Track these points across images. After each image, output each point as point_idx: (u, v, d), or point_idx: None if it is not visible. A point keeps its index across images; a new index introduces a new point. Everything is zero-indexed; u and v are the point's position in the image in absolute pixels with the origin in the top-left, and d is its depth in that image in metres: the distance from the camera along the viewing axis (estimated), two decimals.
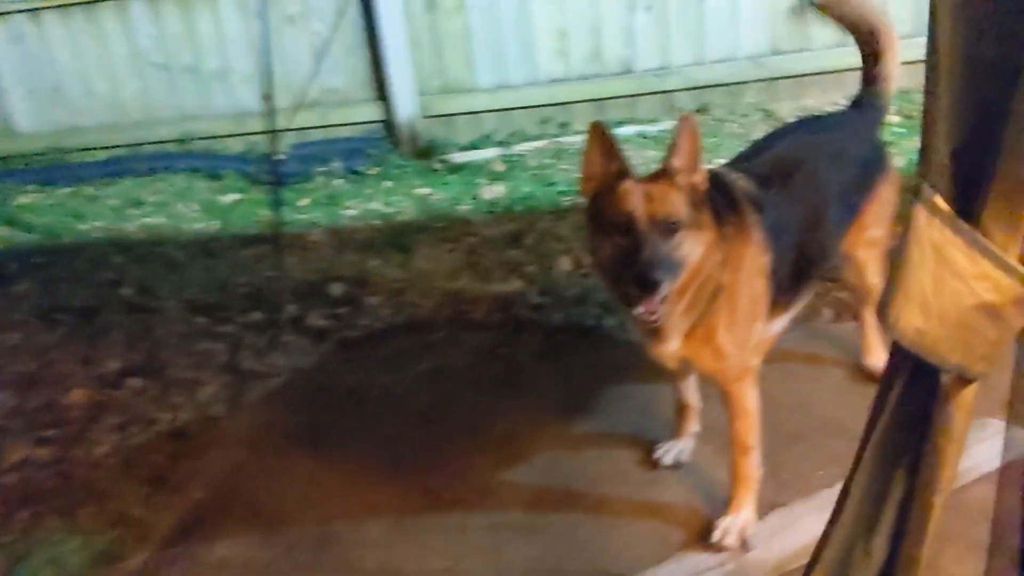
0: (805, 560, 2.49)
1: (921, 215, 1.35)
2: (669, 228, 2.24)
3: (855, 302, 3.25)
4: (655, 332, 2.42)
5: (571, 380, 3.45)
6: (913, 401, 1.50)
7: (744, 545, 2.56)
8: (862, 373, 3.23)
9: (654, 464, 2.93)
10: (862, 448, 1.61)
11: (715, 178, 2.45)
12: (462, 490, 2.95)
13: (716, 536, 2.58)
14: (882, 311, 1.42)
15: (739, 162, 2.74)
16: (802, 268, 2.67)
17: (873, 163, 2.89)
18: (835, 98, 6.08)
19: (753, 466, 2.60)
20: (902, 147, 4.77)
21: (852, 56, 3.02)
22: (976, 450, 2.75)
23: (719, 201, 2.42)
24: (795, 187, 2.63)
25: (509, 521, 2.80)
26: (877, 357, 3.20)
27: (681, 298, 2.35)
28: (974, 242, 1.30)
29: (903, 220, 1.40)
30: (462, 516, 2.85)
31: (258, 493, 3.08)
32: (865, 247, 2.92)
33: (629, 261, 2.22)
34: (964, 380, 1.46)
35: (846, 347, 3.36)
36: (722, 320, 2.43)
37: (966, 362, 1.43)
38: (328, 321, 4.02)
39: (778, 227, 2.53)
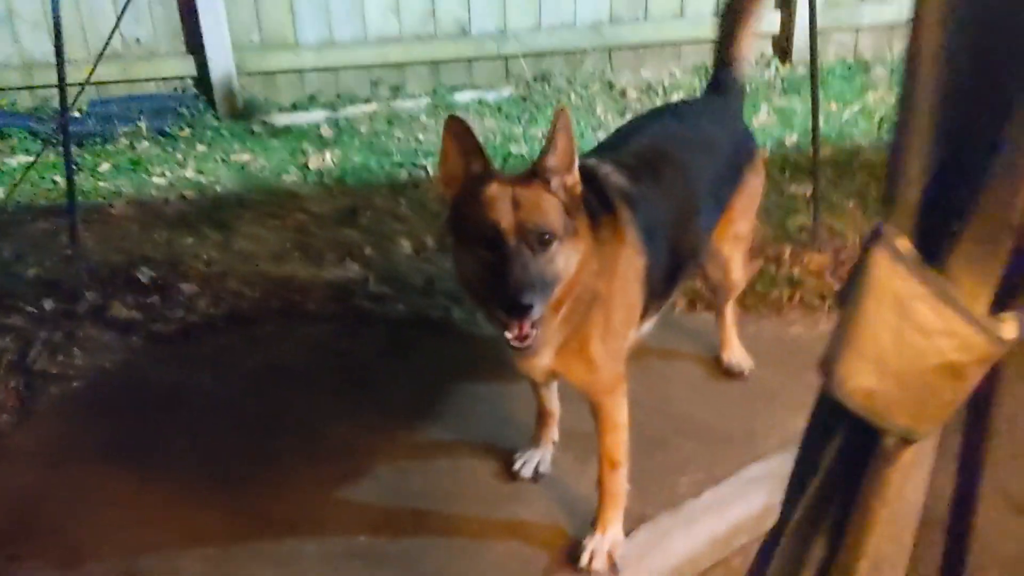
0: None
1: (882, 261, 1.14)
2: (542, 240, 1.99)
3: (714, 297, 3.13)
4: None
5: (418, 380, 3.16)
6: (845, 461, 1.30)
7: (613, 568, 2.38)
8: (719, 369, 3.12)
9: (512, 476, 2.71)
10: (786, 507, 1.42)
11: (586, 172, 2.22)
12: (296, 512, 2.62)
13: (584, 560, 2.39)
14: (826, 368, 1.20)
15: (605, 152, 2.51)
16: (675, 268, 2.49)
17: (740, 152, 2.75)
18: (673, 69, 6.03)
19: (621, 482, 2.43)
20: None
21: (690, 27, 2.89)
22: None
23: (591, 200, 2.20)
24: (666, 181, 2.44)
25: (351, 548, 2.50)
26: (733, 353, 3.11)
27: (555, 314, 2.11)
28: (942, 294, 1.11)
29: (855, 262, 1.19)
30: (296, 543, 2.53)
31: (56, 520, 2.63)
32: (731, 242, 2.80)
33: (496, 279, 1.96)
34: (907, 442, 1.27)
35: (701, 340, 3.25)
36: (596, 331, 2.21)
37: (914, 424, 1.24)
38: (136, 312, 3.54)
39: (652, 226, 2.33)
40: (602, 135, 4.66)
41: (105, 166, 5.09)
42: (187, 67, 5.86)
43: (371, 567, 2.45)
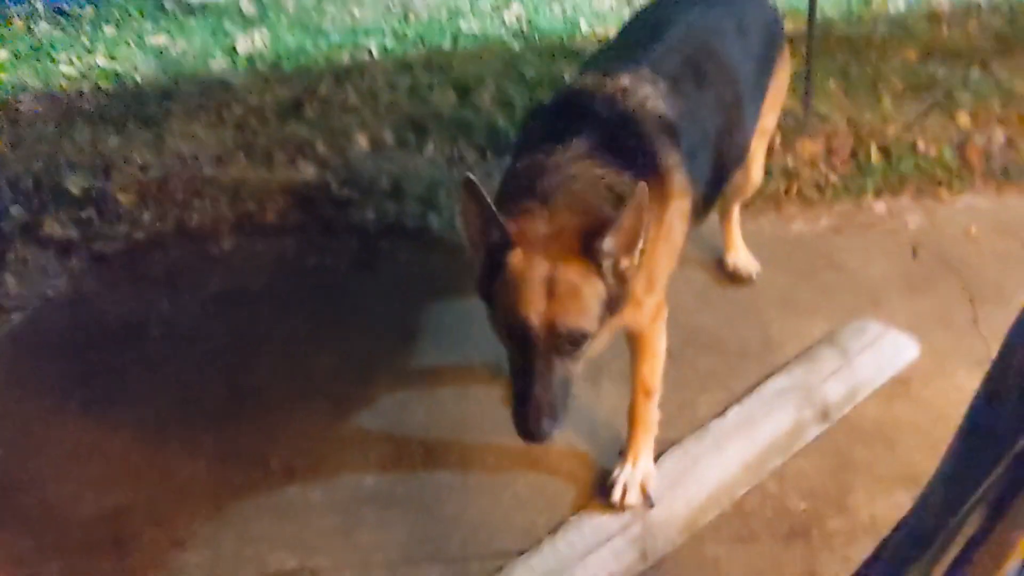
0: (714, 515, 2.26)
1: None
2: (574, 342, 1.72)
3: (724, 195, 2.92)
4: None
5: (402, 297, 2.91)
6: None
7: (647, 501, 2.24)
8: (723, 273, 2.96)
9: None
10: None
11: (620, 112, 1.94)
12: (293, 455, 2.40)
13: (616, 494, 2.24)
14: None
15: (635, 52, 2.18)
16: (720, 182, 2.28)
17: (772, 37, 2.49)
18: None
19: (654, 410, 2.28)
20: None
21: None
22: (861, 361, 2.60)
23: (629, 154, 1.90)
24: (712, 85, 2.17)
25: (360, 493, 2.31)
26: (739, 256, 2.95)
27: None
28: None
29: None
30: (298, 491, 2.32)
31: (23, 477, 2.35)
32: (758, 137, 2.57)
33: (516, 379, 1.74)
34: None
35: (701, 243, 3.06)
36: (641, 284, 1.96)
37: None
38: (72, 229, 3.16)
39: (697, 150, 2.09)
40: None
41: (2, 54, 4.51)
42: None
43: (384, 512, 2.26)
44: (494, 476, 2.35)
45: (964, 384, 2.53)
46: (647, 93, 2.02)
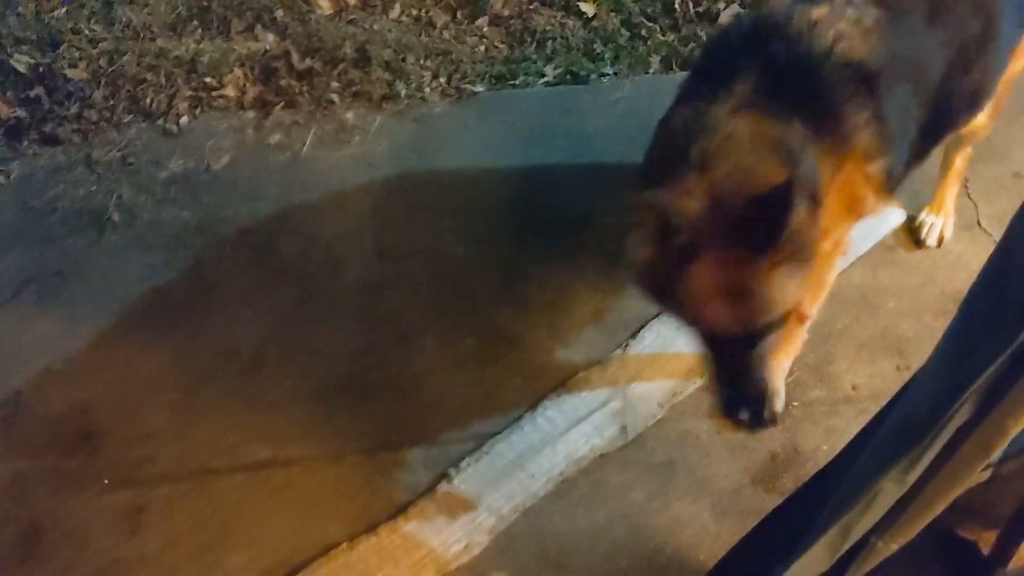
0: (694, 388, 2.22)
1: None
2: (770, 330, 1.58)
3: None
4: None
5: (371, 174, 2.76)
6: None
7: (773, 419, 1.86)
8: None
9: None
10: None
11: (801, 56, 1.66)
12: (262, 345, 2.36)
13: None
14: None
15: None
16: (941, 129, 1.96)
17: None
18: None
19: (801, 335, 2.08)
20: None
21: None
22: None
23: (803, 107, 1.64)
24: (949, 13, 1.78)
25: (334, 380, 2.28)
26: (934, 215, 2.48)
27: None
28: None
29: None
30: (270, 381, 2.28)
31: None
32: (1003, 85, 2.07)
33: (720, 372, 1.65)
34: None
35: None
36: (825, 245, 1.75)
37: None
38: (20, 109, 2.97)
39: (907, 99, 1.77)
40: None
41: None
42: None
43: (358, 400, 2.24)
44: (472, 359, 2.30)
45: (951, 248, 2.47)
46: (843, 31, 1.69)
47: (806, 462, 2.07)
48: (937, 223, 2.46)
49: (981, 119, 2.16)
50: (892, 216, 2.51)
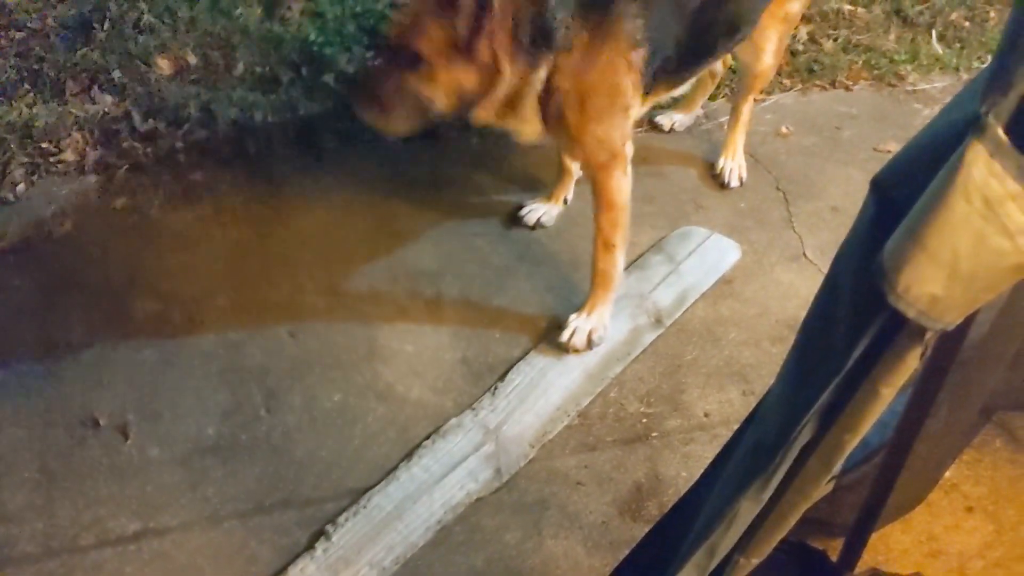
0: (562, 426, 2.31)
1: (980, 157, 1.00)
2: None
3: (736, 85, 2.98)
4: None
5: (224, 234, 2.76)
6: (864, 353, 1.22)
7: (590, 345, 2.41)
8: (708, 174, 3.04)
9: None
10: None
11: None
12: (123, 411, 2.29)
13: (565, 335, 2.42)
14: (888, 275, 1.07)
15: None
16: (700, 47, 2.30)
17: None
18: None
19: (615, 264, 2.36)
20: None
21: None
22: (688, 266, 2.70)
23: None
24: None
25: (202, 444, 2.24)
26: (728, 160, 2.97)
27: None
28: None
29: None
30: (135, 449, 2.21)
31: None
32: (780, 23, 2.56)
33: None
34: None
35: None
36: (572, 118, 2.12)
37: (957, 319, 1.16)
38: None
39: (666, 16, 2.14)
40: None
41: None
42: None
43: (228, 462, 2.20)
44: (342, 413, 2.32)
45: (781, 278, 2.68)
46: None
47: (667, 489, 2.19)
48: (734, 166, 2.93)
49: (766, 61, 2.65)
50: (729, 253, 2.72)
